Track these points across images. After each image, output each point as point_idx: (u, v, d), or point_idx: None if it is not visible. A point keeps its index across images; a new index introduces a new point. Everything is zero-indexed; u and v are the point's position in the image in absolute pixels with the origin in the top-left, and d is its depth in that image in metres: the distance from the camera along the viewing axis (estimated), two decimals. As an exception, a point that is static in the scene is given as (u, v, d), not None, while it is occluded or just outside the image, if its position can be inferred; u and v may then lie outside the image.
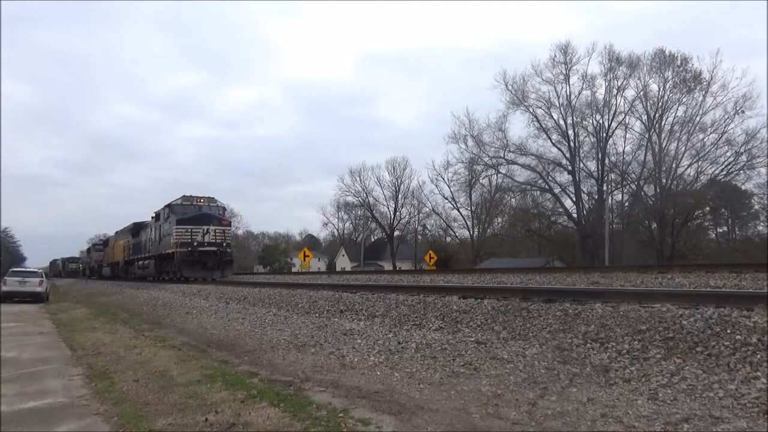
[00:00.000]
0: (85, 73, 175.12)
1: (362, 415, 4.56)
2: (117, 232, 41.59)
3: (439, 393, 5.23)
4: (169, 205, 25.91)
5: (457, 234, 60.30)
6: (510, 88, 46.72)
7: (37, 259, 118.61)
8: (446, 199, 56.32)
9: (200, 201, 25.60)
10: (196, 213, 24.93)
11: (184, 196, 25.67)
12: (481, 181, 54.13)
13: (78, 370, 7.29)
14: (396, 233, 67.30)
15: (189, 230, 24.04)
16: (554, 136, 46.54)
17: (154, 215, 29.10)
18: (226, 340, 9.59)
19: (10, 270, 27.52)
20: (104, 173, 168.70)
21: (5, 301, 21.94)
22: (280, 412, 4.71)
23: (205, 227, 24.22)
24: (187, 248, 23.66)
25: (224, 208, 26.55)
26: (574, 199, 46.42)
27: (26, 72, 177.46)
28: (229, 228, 25.87)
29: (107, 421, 4.84)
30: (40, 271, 28.83)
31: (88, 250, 66.96)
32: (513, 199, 53.20)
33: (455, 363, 6.17)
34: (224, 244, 24.82)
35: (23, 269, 29.86)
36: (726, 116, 39.62)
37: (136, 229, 34.18)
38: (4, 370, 7.22)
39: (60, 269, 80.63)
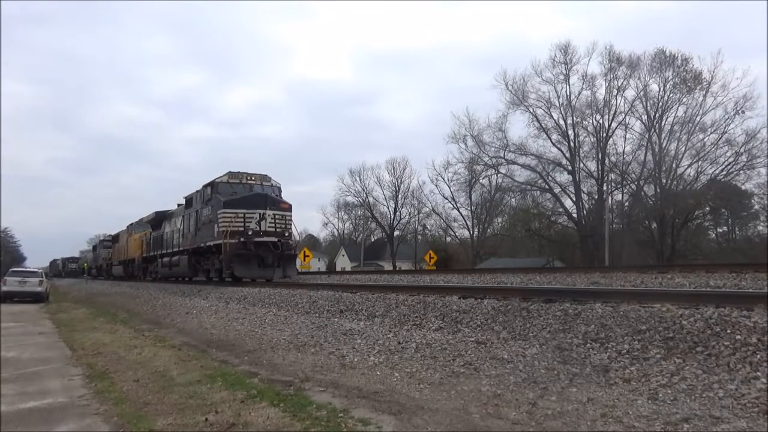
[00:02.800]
0: (86, 73, 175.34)
1: (362, 415, 4.56)
2: (131, 225, 35.42)
3: (439, 393, 5.23)
4: (211, 184, 19.56)
5: (457, 234, 60.38)
6: (510, 88, 46.77)
7: (37, 259, 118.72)
8: (446, 199, 56.39)
9: (252, 178, 19.55)
10: (248, 193, 18.98)
11: (230, 172, 19.55)
12: (481, 181, 54.21)
13: (78, 370, 7.29)
14: (396, 233, 67.34)
15: (241, 215, 17.94)
16: (554, 136, 46.59)
17: (184, 200, 23.62)
18: (226, 340, 9.59)
19: (10, 270, 27.53)
20: (105, 173, 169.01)
21: (5, 301, 21.94)
22: (280, 412, 4.71)
23: (261, 211, 18.16)
24: (238, 239, 17.55)
25: (280, 189, 20.10)
26: (574, 199, 46.45)
27: (28, 72, 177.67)
28: (290, 213, 19.20)
29: (107, 421, 4.84)
30: (40, 271, 28.84)
31: (94, 247, 61.10)
32: (513, 199, 53.27)
33: (455, 363, 6.17)
34: (286, 234, 18.81)
35: (23, 269, 29.88)
36: (726, 116, 39.67)
37: (158, 219, 28.12)
38: (4, 370, 7.22)
39: (60, 269, 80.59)
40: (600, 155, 44.79)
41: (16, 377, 6.87)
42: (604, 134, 44.68)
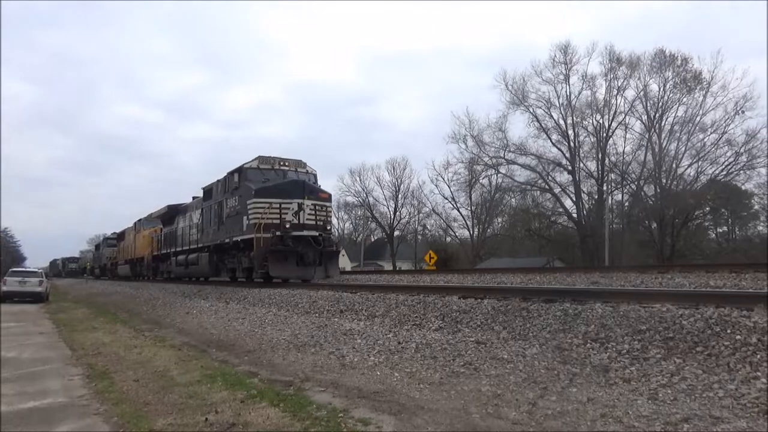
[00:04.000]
0: (87, 73, 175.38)
1: (362, 415, 4.56)
2: (139, 221, 32.63)
3: (439, 393, 5.22)
4: (238, 170, 17.09)
5: (457, 234, 60.37)
6: (510, 88, 46.79)
7: (37, 259, 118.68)
8: (446, 199, 56.35)
9: (285, 164, 17.00)
10: (283, 180, 16.47)
11: (260, 156, 16.97)
12: (481, 181, 54.18)
13: (78, 370, 7.30)
14: (396, 233, 67.29)
15: (276, 206, 15.42)
16: (554, 136, 46.60)
17: (202, 192, 21.05)
18: (226, 340, 9.59)
19: (10, 270, 27.53)
20: (106, 173, 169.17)
21: (5, 301, 21.95)
22: (280, 412, 4.71)
23: (299, 201, 15.59)
24: (273, 233, 15.05)
25: (316, 176, 17.69)
26: (574, 199, 46.46)
27: (28, 72, 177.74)
28: (330, 204, 17.06)
29: (107, 421, 4.85)
30: (40, 271, 28.84)
31: (97, 246, 58.80)
32: (513, 199, 53.28)
33: (455, 363, 6.17)
34: (327, 228, 16.61)
35: (23, 269, 29.88)
36: (726, 116, 39.68)
37: (171, 214, 25.55)
38: (4, 370, 7.22)
39: (60, 269, 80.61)
40: (600, 155, 44.82)
41: (16, 377, 6.87)
42: (604, 134, 44.71)
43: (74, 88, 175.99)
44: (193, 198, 23.56)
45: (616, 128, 44.59)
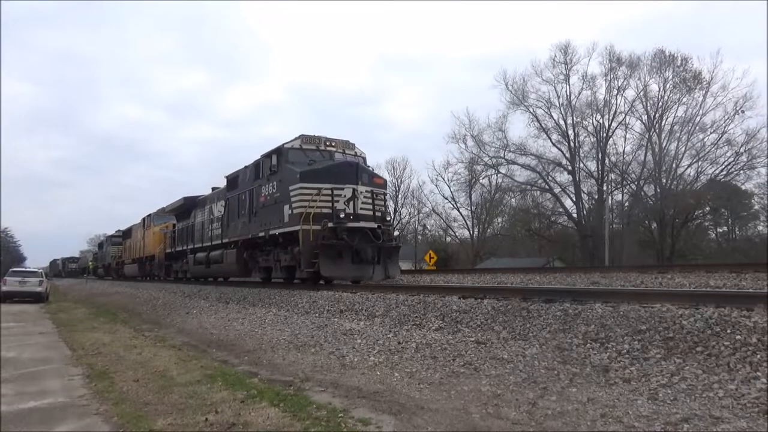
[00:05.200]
0: (88, 73, 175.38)
1: (362, 415, 4.56)
2: (148, 217, 30.03)
3: (439, 393, 5.22)
4: (277, 151, 14.15)
5: (457, 234, 60.35)
6: (510, 88, 46.77)
7: (37, 259, 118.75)
8: (446, 199, 56.31)
9: (332, 144, 14.24)
10: (332, 163, 13.75)
11: (303, 135, 14.15)
12: (481, 181, 54.16)
13: (78, 370, 7.30)
14: (396, 233, 67.09)
15: (328, 192, 12.78)
16: (554, 136, 46.57)
17: (225, 181, 18.41)
18: (226, 340, 9.59)
19: (10, 270, 27.54)
20: (107, 173, 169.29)
21: (5, 301, 21.94)
22: (280, 412, 4.71)
23: (353, 187, 12.99)
24: (324, 224, 12.45)
25: (365, 160, 14.97)
26: (574, 199, 46.44)
27: (29, 72, 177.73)
28: (386, 192, 14.67)
29: (107, 421, 4.84)
30: (40, 271, 28.83)
31: (100, 244, 55.34)
32: (513, 199, 53.23)
33: (455, 363, 6.17)
34: (387, 219, 14.16)
35: (23, 269, 29.88)
36: (726, 116, 39.68)
37: (187, 207, 22.75)
38: (4, 370, 7.22)
39: (60, 269, 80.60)
40: (600, 155, 44.80)
41: (16, 377, 6.87)
42: (604, 134, 44.69)
43: (74, 88, 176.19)
44: (213, 189, 20.90)
45: (616, 128, 44.60)
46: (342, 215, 12.59)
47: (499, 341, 6.46)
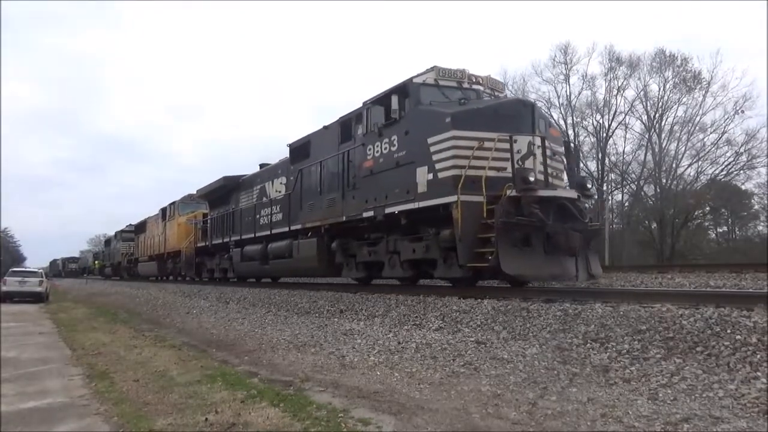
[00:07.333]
0: (89, 73, 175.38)
1: (362, 415, 4.56)
2: (171, 205, 26.01)
3: (439, 393, 5.22)
4: (400, 89, 9.96)
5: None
6: (510, 87, 46.74)
7: (37, 259, 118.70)
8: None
9: (478, 80, 10.17)
10: (495, 101, 9.75)
11: (437, 68, 9.90)
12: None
13: (78, 370, 7.30)
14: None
15: (505, 141, 8.41)
16: (554, 136, 46.46)
17: (288, 152, 14.41)
18: (226, 340, 9.59)
19: (10, 270, 27.56)
20: (106, 173, 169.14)
21: (5, 301, 21.95)
22: (280, 412, 4.71)
23: (528, 138, 8.66)
24: (504, 191, 8.17)
25: None
26: (575, 199, 46.32)
27: (30, 72, 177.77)
28: (562, 151, 10.03)
29: (107, 421, 4.85)
30: (41, 271, 28.83)
31: (108, 241, 50.31)
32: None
33: (455, 363, 6.17)
34: (586, 186, 9.82)
35: (23, 269, 29.89)
36: (726, 116, 39.66)
37: (226, 190, 18.95)
38: (4, 370, 7.22)
39: (60, 269, 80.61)
40: (600, 155, 44.79)
41: (16, 377, 6.87)
42: (604, 134, 44.68)
43: (75, 88, 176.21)
44: (261, 166, 17.41)
45: (616, 128, 44.58)
46: (532, 178, 8.19)
47: (499, 341, 6.46)
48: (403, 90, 9.90)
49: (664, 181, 42.32)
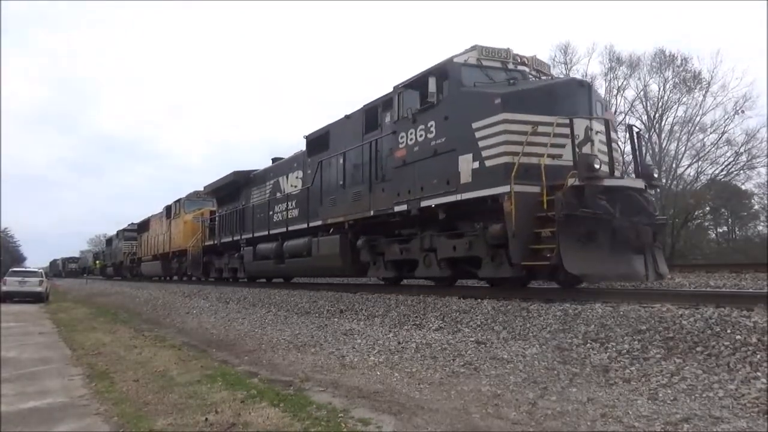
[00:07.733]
0: (89, 73, 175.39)
1: (362, 415, 4.56)
2: (177, 203, 25.17)
3: (439, 393, 5.22)
4: (439, 70, 9.09)
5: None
6: (510, 87, 46.67)
7: (37, 259, 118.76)
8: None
9: (523, 60, 9.29)
10: (548, 82, 9.12)
11: (478, 47, 9.01)
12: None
13: (78, 370, 7.30)
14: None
15: (565, 126, 7.64)
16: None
17: (305, 143, 13.64)
18: (226, 340, 9.59)
19: (10, 270, 27.57)
20: (106, 173, 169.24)
21: (5, 301, 21.95)
22: (280, 412, 4.71)
23: (586, 122, 7.86)
24: (565, 181, 7.24)
25: None
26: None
27: (30, 72, 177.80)
28: (617, 136, 10.01)
29: (107, 421, 4.85)
30: (41, 271, 28.83)
31: (109, 240, 49.31)
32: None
33: (455, 363, 6.17)
34: (653, 175, 8.87)
35: (23, 269, 29.89)
36: (726, 116, 39.67)
37: (236, 186, 18.16)
38: (4, 370, 7.22)
39: (60, 269, 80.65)
40: (600, 155, 44.81)
41: (16, 377, 6.88)
42: (604, 134, 44.70)
43: (75, 88, 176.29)
44: (274, 160, 16.67)
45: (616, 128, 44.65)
46: (597, 165, 7.33)
47: (499, 341, 6.46)
48: (443, 71, 9.04)
49: (664, 181, 42.32)
